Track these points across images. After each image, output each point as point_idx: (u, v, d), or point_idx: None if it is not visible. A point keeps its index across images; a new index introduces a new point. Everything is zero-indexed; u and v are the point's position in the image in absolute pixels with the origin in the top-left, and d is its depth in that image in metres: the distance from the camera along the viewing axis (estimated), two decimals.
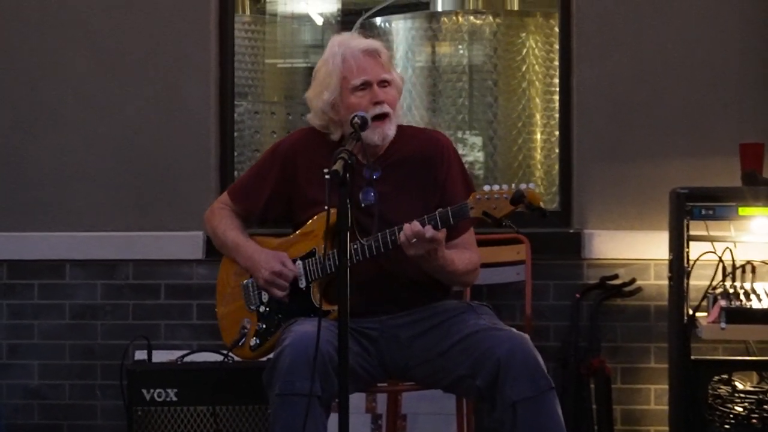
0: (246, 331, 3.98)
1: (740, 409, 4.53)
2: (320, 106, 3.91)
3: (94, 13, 5.21)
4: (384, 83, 3.87)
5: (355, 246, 3.72)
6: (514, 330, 3.72)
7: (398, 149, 3.93)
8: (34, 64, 5.23)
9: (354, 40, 3.92)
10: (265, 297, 3.97)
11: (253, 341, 3.97)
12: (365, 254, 3.74)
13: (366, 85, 3.84)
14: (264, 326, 3.96)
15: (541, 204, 3.55)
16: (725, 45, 5.04)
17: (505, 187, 3.57)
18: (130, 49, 5.20)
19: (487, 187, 3.59)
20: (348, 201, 3.25)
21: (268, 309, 3.96)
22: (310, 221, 3.91)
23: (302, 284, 3.90)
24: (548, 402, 3.58)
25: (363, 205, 3.85)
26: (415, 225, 3.61)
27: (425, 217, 3.64)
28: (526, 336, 3.69)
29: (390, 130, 3.87)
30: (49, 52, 5.23)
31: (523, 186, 3.55)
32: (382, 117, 3.84)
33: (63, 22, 5.22)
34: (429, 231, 3.60)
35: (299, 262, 3.91)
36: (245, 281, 4.02)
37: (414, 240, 3.61)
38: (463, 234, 3.89)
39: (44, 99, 5.23)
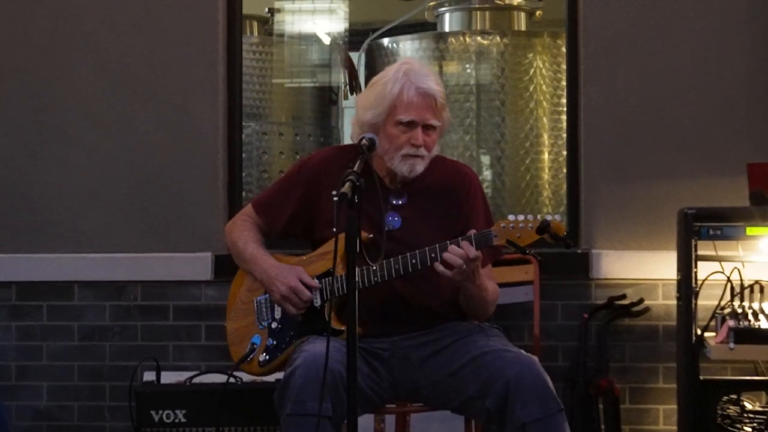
0: (255, 347, 3.98)
1: (749, 430, 4.53)
2: (362, 119, 3.90)
3: (103, 35, 5.24)
4: (429, 128, 3.87)
5: (374, 268, 3.73)
6: (523, 351, 3.73)
7: (426, 177, 3.92)
8: (44, 87, 5.26)
9: (420, 75, 3.86)
10: (277, 313, 3.96)
11: (262, 357, 3.96)
12: (383, 276, 3.76)
13: (411, 124, 3.84)
14: (274, 342, 3.95)
15: (564, 234, 3.61)
16: (733, 64, 5.05)
17: (530, 217, 3.63)
18: (139, 71, 5.22)
19: (512, 217, 3.63)
20: (357, 223, 3.27)
21: (280, 326, 3.95)
22: (329, 241, 3.90)
23: (317, 303, 3.90)
24: (557, 423, 3.59)
25: (387, 229, 3.85)
26: (460, 251, 3.62)
27: (447, 242, 3.67)
28: (535, 358, 3.69)
29: (420, 167, 3.86)
30: (59, 75, 5.25)
31: (549, 217, 3.61)
32: (415, 156, 3.85)
33: (73, 45, 5.25)
34: (472, 251, 3.62)
35: (315, 280, 3.92)
36: (258, 297, 4.01)
37: (464, 266, 3.63)
38: (483, 267, 3.89)
39: (53, 121, 5.25)
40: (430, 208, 3.93)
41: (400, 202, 3.91)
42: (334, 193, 3.33)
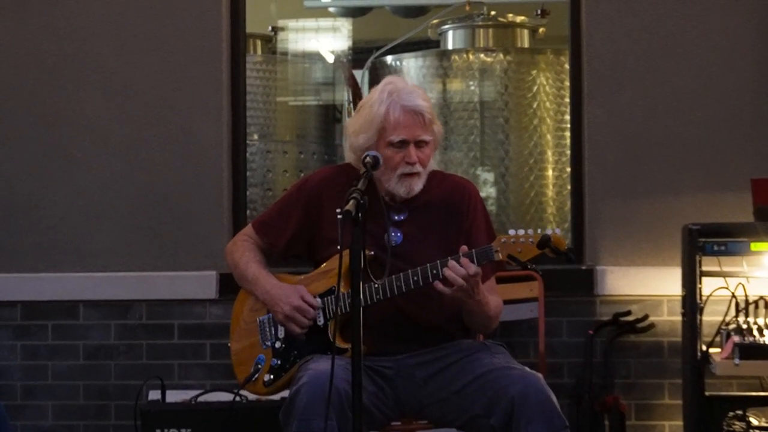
0: (260, 367, 3.98)
1: None
2: (355, 144, 3.91)
3: (108, 56, 5.26)
4: (421, 143, 3.87)
5: (376, 285, 3.73)
6: (528, 369, 3.73)
7: (425, 193, 3.93)
8: (50, 107, 5.27)
9: (404, 94, 3.86)
10: (281, 333, 3.96)
11: (266, 377, 3.96)
12: (386, 293, 3.75)
13: (402, 144, 3.84)
14: (279, 362, 3.95)
15: (566, 248, 3.61)
16: (737, 81, 5.06)
17: (530, 231, 3.61)
18: (144, 91, 5.24)
19: (512, 232, 3.62)
20: (362, 240, 3.27)
21: (284, 345, 3.95)
22: (331, 259, 3.91)
23: (320, 321, 3.90)
24: None
25: (389, 246, 3.85)
26: (460, 269, 3.62)
27: (448, 258, 3.66)
28: (540, 375, 3.69)
29: (417, 185, 3.87)
30: (65, 95, 5.27)
31: (549, 231, 3.59)
32: (411, 175, 3.86)
33: (78, 66, 5.26)
34: (472, 268, 3.62)
35: (318, 299, 3.92)
36: (261, 317, 4.01)
37: (464, 283, 3.62)
38: (486, 281, 3.89)
39: (59, 141, 5.26)
40: (431, 223, 3.92)
41: (401, 218, 3.91)
42: (338, 210, 3.33)
